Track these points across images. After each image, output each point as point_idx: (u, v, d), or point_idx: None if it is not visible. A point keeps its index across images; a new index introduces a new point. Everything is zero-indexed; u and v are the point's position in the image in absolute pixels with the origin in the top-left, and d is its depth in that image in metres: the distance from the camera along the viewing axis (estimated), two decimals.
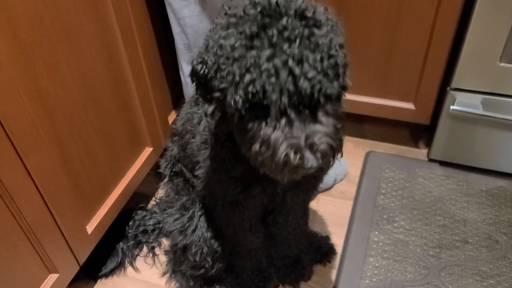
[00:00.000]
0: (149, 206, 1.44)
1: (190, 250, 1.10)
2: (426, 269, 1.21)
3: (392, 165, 1.51)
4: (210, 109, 0.76)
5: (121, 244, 1.31)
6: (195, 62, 0.75)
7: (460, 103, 1.32)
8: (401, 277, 1.20)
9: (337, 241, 1.30)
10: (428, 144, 1.58)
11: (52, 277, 1.04)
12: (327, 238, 1.29)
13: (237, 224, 1.05)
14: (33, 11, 0.86)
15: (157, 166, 1.35)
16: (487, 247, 1.26)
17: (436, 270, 1.21)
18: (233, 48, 0.67)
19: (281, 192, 0.98)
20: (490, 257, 1.23)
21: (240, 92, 0.66)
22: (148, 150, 1.35)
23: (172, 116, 1.48)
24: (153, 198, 1.48)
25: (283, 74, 0.64)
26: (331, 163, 0.72)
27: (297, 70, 0.64)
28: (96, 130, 1.11)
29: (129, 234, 1.34)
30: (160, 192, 1.46)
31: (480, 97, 1.30)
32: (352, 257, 1.25)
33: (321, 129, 0.67)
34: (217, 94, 0.71)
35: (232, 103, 0.68)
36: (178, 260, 1.17)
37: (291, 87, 0.64)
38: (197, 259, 1.08)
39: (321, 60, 0.66)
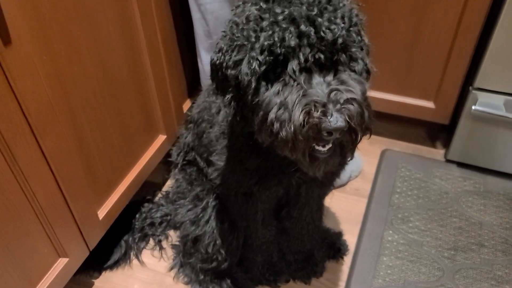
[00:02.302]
0: (156, 198, 1.41)
1: (202, 242, 1.07)
2: (441, 271, 1.19)
3: (408, 164, 1.48)
4: (226, 98, 0.74)
5: (126, 237, 1.28)
6: (213, 54, 0.74)
7: (482, 103, 1.29)
8: (415, 278, 1.17)
9: (350, 238, 1.28)
10: (446, 144, 1.55)
11: (62, 261, 1.02)
12: (340, 235, 1.27)
13: (251, 216, 1.03)
14: None
15: (167, 155, 1.33)
16: (503, 251, 1.23)
17: (450, 273, 1.18)
18: (247, 18, 0.67)
19: (296, 185, 0.96)
20: (506, 262, 1.20)
21: (257, 51, 0.65)
22: (161, 138, 1.33)
23: (186, 104, 1.46)
24: (160, 191, 1.45)
25: (303, 23, 0.63)
26: (359, 139, 0.66)
27: (318, 20, 0.63)
28: (112, 113, 1.09)
29: (136, 227, 1.31)
30: (169, 183, 1.44)
31: (503, 98, 1.27)
32: (365, 256, 1.23)
33: (346, 87, 0.63)
34: (232, 72, 0.69)
35: (248, 69, 0.66)
36: (188, 252, 1.15)
37: (312, 35, 0.62)
38: (210, 250, 1.06)
39: (342, 18, 0.65)
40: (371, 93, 1.46)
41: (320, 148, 0.66)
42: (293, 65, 0.64)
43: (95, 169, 1.07)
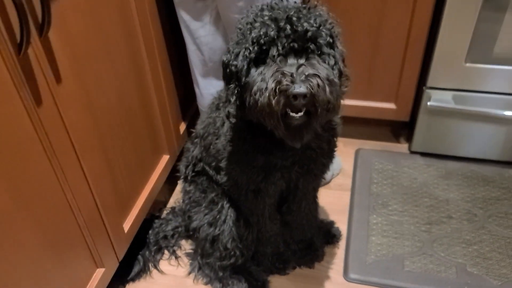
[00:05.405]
0: (163, 215, 1.55)
1: (220, 240, 1.23)
2: (421, 242, 1.40)
3: (380, 158, 1.71)
4: (231, 88, 0.93)
5: (142, 251, 1.41)
6: (223, 56, 0.94)
7: (435, 99, 1.54)
8: (401, 250, 1.38)
9: (341, 226, 1.47)
10: (408, 139, 1.80)
11: (99, 272, 1.15)
12: (333, 223, 1.46)
13: (259, 212, 1.20)
14: (84, 32, 0.99)
15: (169, 175, 1.50)
16: (468, 220, 1.47)
17: (429, 243, 1.40)
18: (246, 22, 0.89)
19: (295, 178, 1.13)
20: (471, 228, 1.44)
21: (249, 43, 0.85)
22: (165, 158, 1.49)
23: (182, 127, 1.62)
24: (165, 208, 1.59)
25: (282, 21, 0.84)
26: (328, 110, 0.83)
27: (294, 18, 0.84)
28: (129, 137, 1.24)
29: (151, 241, 1.44)
30: (171, 200, 1.60)
31: (451, 93, 1.53)
32: (357, 238, 1.43)
33: (312, 67, 0.82)
34: (234, 63, 0.89)
35: (242, 56, 0.86)
36: (206, 253, 1.30)
37: (288, 28, 0.83)
38: (229, 246, 1.21)
39: (315, 20, 0.86)
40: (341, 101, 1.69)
41: (293, 114, 0.83)
42: (273, 51, 0.84)
43: (119, 186, 1.21)
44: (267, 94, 0.80)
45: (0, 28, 0.75)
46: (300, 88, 0.78)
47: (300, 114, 0.83)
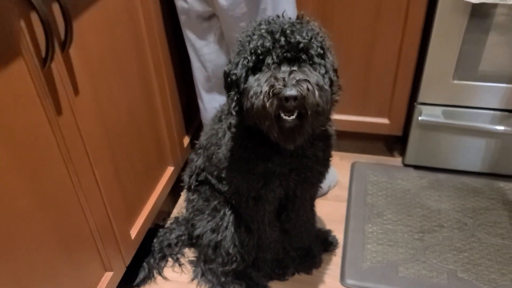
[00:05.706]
0: (167, 224, 1.62)
1: (223, 246, 1.29)
2: (414, 250, 1.47)
3: (374, 171, 1.79)
4: (231, 95, 1.01)
5: (147, 259, 1.47)
6: (225, 67, 1.03)
7: (426, 114, 1.63)
8: (395, 257, 1.45)
9: (338, 235, 1.54)
10: (401, 153, 1.88)
11: (108, 275, 1.20)
12: (330, 231, 1.53)
13: (260, 219, 1.27)
14: (99, 48, 1.08)
15: (172, 187, 1.56)
16: (458, 229, 1.53)
17: (421, 250, 1.47)
18: (245, 35, 0.98)
19: (293, 186, 1.20)
20: (462, 236, 1.51)
21: (248, 53, 0.94)
22: (170, 169, 1.56)
23: (186, 140, 1.70)
24: (169, 218, 1.66)
25: (277, 34, 0.93)
26: (319, 110, 0.90)
27: (288, 31, 0.93)
28: (137, 148, 1.31)
29: (155, 249, 1.50)
30: (175, 211, 1.67)
31: (440, 108, 1.62)
32: (353, 246, 1.49)
33: (303, 73, 0.90)
34: (235, 71, 0.98)
35: (241, 65, 0.95)
36: (209, 259, 1.36)
37: (282, 40, 0.92)
38: (231, 251, 1.28)
39: (307, 33, 0.95)
40: (337, 116, 1.78)
41: (286, 117, 0.91)
42: (268, 60, 0.92)
43: (127, 194, 1.28)
44: (262, 97, 0.89)
45: (28, 44, 0.84)
46: (291, 91, 0.87)
47: (292, 117, 0.92)
